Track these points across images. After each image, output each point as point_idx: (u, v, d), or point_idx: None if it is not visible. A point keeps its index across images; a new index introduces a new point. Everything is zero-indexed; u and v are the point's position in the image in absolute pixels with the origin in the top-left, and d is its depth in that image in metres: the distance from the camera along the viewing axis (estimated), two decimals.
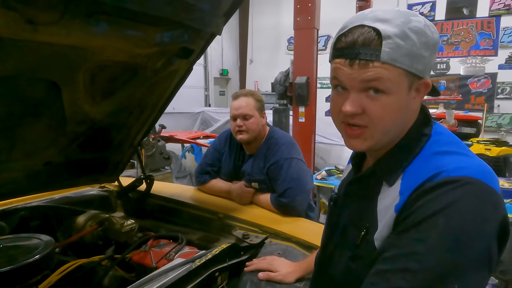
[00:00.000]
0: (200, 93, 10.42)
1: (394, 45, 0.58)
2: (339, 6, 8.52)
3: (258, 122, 1.66)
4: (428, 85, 0.64)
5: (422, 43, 0.60)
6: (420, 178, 0.59)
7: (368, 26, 0.60)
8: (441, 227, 0.53)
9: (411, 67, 0.60)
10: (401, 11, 0.61)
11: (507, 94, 7.74)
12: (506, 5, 7.58)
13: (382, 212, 0.64)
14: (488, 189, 0.56)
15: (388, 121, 0.62)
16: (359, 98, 0.62)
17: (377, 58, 0.59)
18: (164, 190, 1.79)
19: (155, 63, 1.21)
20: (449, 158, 0.60)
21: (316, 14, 3.67)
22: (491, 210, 0.55)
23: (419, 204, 0.56)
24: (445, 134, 0.67)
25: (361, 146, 0.66)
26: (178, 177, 4.97)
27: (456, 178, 0.56)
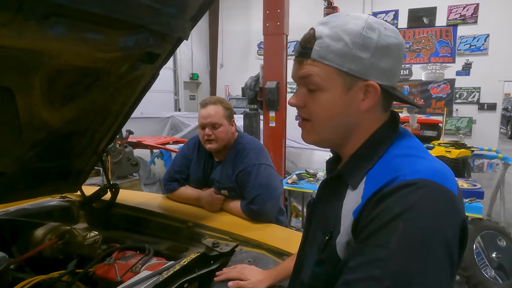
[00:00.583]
0: (170, 98, 10.24)
1: (323, 44, 0.63)
2: (308, 13, 8.70)
3: (227, 130, 1.64)
4: (375, 87, 0.64)
5: (357, 44, 0.62)
6: (378, 183, 0.60)
7: (313, 28, 0.66)
8: (401, 232, 0.53)
9: (342, 66, 0.63)
10: (348, 15, 0.65)
11: (465, 99, 8.22)
12: (462, 15, 8.07)
13: (345, 216, 0.65)
14: (445, 190, 0.57)
15: (323, 116, 0.67)
16: (302, 93, 0.69)
17: (309, 56, 0.65)
18: (130, 199, 1.72)
19: (119, 68, 1.16)
20: (407, 161, 0.61)
21: (285, 20, 3.71)
22: (448, 211, 0.56)
23: (379, 209, 0.57)
24: (408, 138, 0.68)
25: (306, 137, 0.72)
26: (147, 183, 4.83)
27: (412, 181, 0.56)
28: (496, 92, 7.92)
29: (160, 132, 6.33)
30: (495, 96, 7.97)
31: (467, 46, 8.05)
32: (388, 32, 0.64)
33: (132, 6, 0.98)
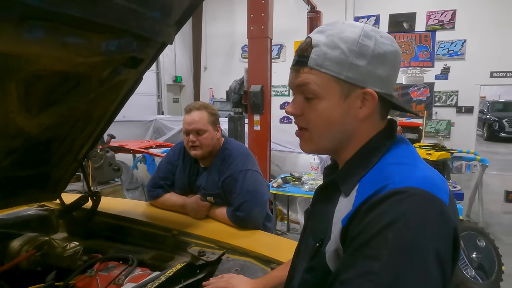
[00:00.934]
0: (153, 101, 10.08)
1: (320, 52, 0.63)
2: (291, 17, 8.78)
3: (212, 136, 1.61)
4: (373, 94, 0.64)
5: (354, 52, 0.62)
6: (368, 191, 0.59)
7: (309, 36, 0.66)
8: (391, 242, 0.53)
9: (340, 74, 0.63)
10: (345, 24, 0.65)
11: (443, 102, 8.44)
12: (440, 21, 8.30)
13: (335, 224, 0.64)
14: (434, 199, 0.56)
15: (321, 125, 0.67)
16: (299, 101, 0.68)
17: (306, 64, 0.65)
18: (113, 206, 1.67)
19: (101, 73, 1.13)
20: (398, 169, 0.61)
21: (269, 24, 3.72)
22: (439, 221, 0.55)
23: (368, 219, 0.56)
24: (403, 146, 0.68)
25: (304, 147, 0.71)
26: (129, 188, 4.73)
27: (401, 189, 0.56)
28: (473, 95, 8.17)
29: (142, 136, 6.20)
30: (472, 100, 8.22)
31: (445, 51, 8.29)
32: (384, 40, 0.64)
33: (115, 10, 0.95)
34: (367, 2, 8.77)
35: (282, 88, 9.90)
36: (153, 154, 4.49)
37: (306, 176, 3.76)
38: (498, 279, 2.84)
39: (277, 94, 9.72)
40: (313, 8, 6.30)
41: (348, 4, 8.92)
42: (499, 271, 2.85)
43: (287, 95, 9.92)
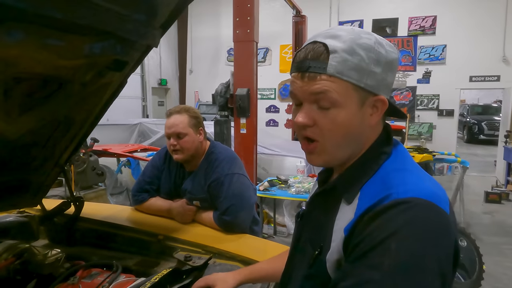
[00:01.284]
0: (137, 104, 9.96)
1: (340, 58, 0.60)
2: (277, 20, 8.85)
3: (194, 139, 1.60)
4: (385, 102, 0.64)
5: (371, 59, 0.61)
6: (371, 200, 0.59)
7: (319, 42, 0.62)
8: (394, 253, 0.52)
9: (360, 81, 0.61)
10: (354, 29, 0.63)
11: (425, 106, 8.65)
12: (421, 27, 8.52)
13: (336, 232, 0.63)
14: (437, 210, 0.56)
15: (338, 135, 0.63)
16: (310, 110, 0.63)
17: (324, 71, 0.60)
18: (96, 212, 1.64)
19: (83, 76, 1.11)
20: (399, 177, 0.61)
21: (255, 28, 3.73)
22: (442, 232, 0.55)
23: (371, 228, 0.56)
24: (401, 151, 0.68)
25: (317, 160, 0.67)
26: (113, 193, 4.65)
27: (405, 199, 0.56)
28: (454, 99, 8.40)
29: (127, 139, 6.11)
30: (453, 103, 8.45)
31: (426, 56, 8.50)
32: (389, 47, 0.64)
33: (98, 12, 0.94)
34: (351, 8, 8.92)
35: (268, 92, 9.94)
36: (138, 158, 4.42)
37: (293, 179, 3.77)
38: (479, 278, 2.91)
39: (263, 97, 9.76)
40: (298, 12, 6.37)
41: (333, 9, 9.05)
42: (480, 270, 2.92)
43: (273, 98, 9.97)
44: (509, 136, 6.82)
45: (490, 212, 5.37)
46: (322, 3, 9.03)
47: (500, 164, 7.18)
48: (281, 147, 5.12)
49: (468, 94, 15.71)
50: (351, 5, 8.92)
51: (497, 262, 3.59)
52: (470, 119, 13.66)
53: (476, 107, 14.55)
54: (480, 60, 8.05)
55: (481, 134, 13.06)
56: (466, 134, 13.77)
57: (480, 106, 14.67)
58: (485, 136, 12.86)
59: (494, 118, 12.79)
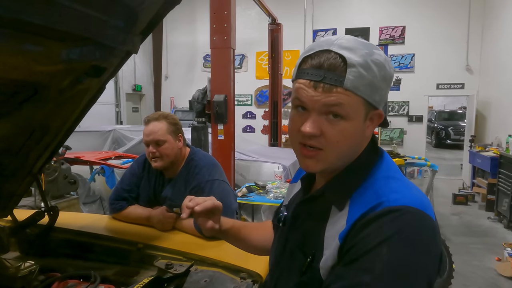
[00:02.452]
0: (111, 110, 9.71)
1: (357, 74, 0.60)
2: (253, 28, 8.94)
3: (173, 146, 1.59)
4: (381, 115, 0.67)
5: (381, 76, 0.63)
6: (363, 207, 0.61)
7: (335, 52, 0.61)
8: (385, 257, 0.55)
9: (370, 97, 0.63)
10: (364, 42, 0.64)
11: (396, 112, 8.97)
12: (391, 36, 8.87)
13: (328, 240, 0.64)
14: (427, 217, 0.59)
15: (343, 146, 0.64)
16: (319, 120, 0.63)
17: (341, 84, 0.60)
18: (72, 221, 1.58)
19: (60, 82, 1.08)
20: (390, 186, 0.63)
21: (232, 35, 3.76)
22: (430, 239, 0.58)
23: (363, 234, 0.58)
24: (387, 159, 0.71)
25: (315, 167, 0.66)
26: (86, 202, 4.49)
27: (396, 207, 0.58)
28: (422, 105, 8.77)
29: (100, 146, 5.93)
30: (422, 109, 8.82)
31: (396, 64, 8.84)
32: (391, 64, 0.66)
33: (77, 17, 0.92)
34: (325, 17, 9.16)
35: (244, 98, 9.98)
36: (112, 166, 4.31)
37: (270, 185, 3.80)
38: (450, 277, 3.03)
39: (240, 103, 9.79)
40: (274, 20, 6.47)
41: (307, 17, 9.26)
42: (450, 270, 3.05)
43: (249, 104, 10.01)
44: (473, 140, 7.20)
45: (457, 214, 5.62)
46: (297, 12, 9.22)
47: (466, 168, 7.54)
48: (258, 153, 5.15)
49: (435, 101, 16.45)
50: (325, 14, 9.16)
51: (466, 261, 3.76)
52: (438, 124, 14.29)
53: (443, 113, 15.25)
54: (446, 69, 8.48)
55: (448, 139, 13.68)
56: (434, 139, 14.38)
57: (447, 112, 15.39)
58: (451, 140, 13.48)
59: (459, 123, 13.44)
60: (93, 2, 0.92)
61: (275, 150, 5.97)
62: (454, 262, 3.11)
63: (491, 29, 7.66)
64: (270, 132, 6.83)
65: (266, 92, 8.83)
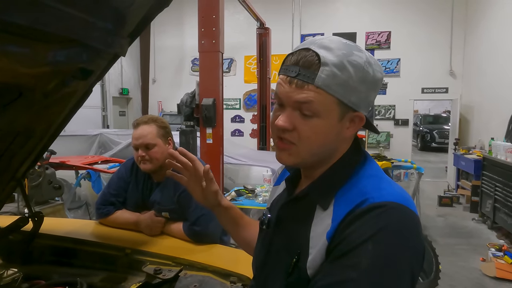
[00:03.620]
0: (97, 114, 9.56)
1: (330, 72, 0.61)
2: (241, 32, 8.96)
3: (163, 150, 1.57)
4: (362, 118, 0.67)
5: (358, 78, 0.63)
6: (348, 205, 0.61)
7: (313, 50, 0.63)
8: (371, 253, 0.56)
9: (345, 97, 0.63)
10: (348, 44, 0.64)
11: (383, 115, 9.10)
12: (377, 41, 9.02)
13: (314, 239, 0.64)
14: (409, 212, 0.61)
15: (314, 143, 0.65)
16: (292, 115, 0.64)
17: (312, 81, 0.61)
18: (57, 227, 1.55)
19: (46, 85, 1.06)
20: (373, 184, 0.64)
21: (221, 38, 3.76)
22: (414, 233, 0.60)
23: (349, 231, 0.59)
24: (371, 161, 0.72)
25: (287, 160, 0.68)
26: (71, 208, 4.40)
27: (380, 203, 0.59)
28: (408, 109, 8.92)
29: (86, 151, 5.83)
30: (407, 113, 8.97)
31: (382, 68, 8.99)
32: (377, 67, 0.66)
33: (63, 19, 0.91)
34: (313, 22, 9.26)
35: (233, 102, 9.97)
36: (98, 170, 4.24)
37: (259, 188, 3.79)
38: (436, 278, 3.08)
39: (228, 107, 9.77)
40: (262, 24, 6.50)
41: (295, 22, 9.34)
42: (437, 271, 3.10)
43: (238, 108, 10.01)
44: (457, 143, 7.36)
45: (443, 215, 5.72)
46: (285, 16, 9.29)
47: (451, 170, 7.70)
48: (247, 156, 5.14)
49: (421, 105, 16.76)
50: (313, 19, 9.26)
51: (452, 262, 3.83)
52: (423, 128, 14.56)
53: (428, 117, 15.56)
54: (431, 73, 8.66)
55: (433, 142, 13.95)
56: (419, 142, 14.64)
57: (432, 116, 15.71)
58: (436, 144, 13.75)
59: (444, 127, 13.73)
60: (80, 4, 0.90)
61: (264, 154, 5.98)
62: (440, 263, 3.16)
63: (472, 35, 7.87)
64: (259, 136, 6.84)
65: (254, 96, 8.87)
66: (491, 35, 6.73)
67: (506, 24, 6.05)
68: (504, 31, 6.09)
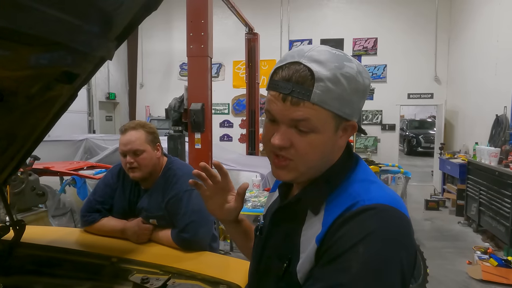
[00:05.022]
0: (83, 119, 9.40)
1: (325, 88, 0.60)
2: (230, 37, 8.98)
3: (151, 156, 1.55)
4: (355, 126, 0.67)
5: (352, 89, 0.62)
6: (339, 209, 0.61)
7: (304, 65, 0.61)
8: (362, 256, 0.55)
9: (340, 110, 0.63)
10: (336, 54, 0.63)
11: (370, 120, 9.21)
12: (364, 47, 9.16)
13: (304, 243, 0.64)
14: (400, 215, 0.60)
15: (312, 157, 0.65)
16: (288, 132, 0.63)
17: (308, 98, 0.60)
18: (39, 236, 1.50)
19: (29, 88, 1.03)
20: (363, 187, 0.64)
21: (209, 43, 3.75)
22: (405, 235, 0.59)
23: (339, 234, 0.58)
24: (364, 166, 0.72)
25: (286, 176, 0.68)
26: (55, 215, 4.29)
27: (371, 206, 0.59)
28: (394, 114, 9.05)
29: (71, 156, 5.70)
30: (394, 118, 9.10)
31: (370, 74, 9.11)
32: (366, 74, 0.66)
33: (47, 21, 0.88)
34: (301, 28, 9.35)
35: (221, 107, 9.95)
36: (84, 176, 4.15)
37: (249, 194, 3.77)
38: (425, 281, 3.10)
39: (217, 112, 9.75)
40: (251, 30, 6.52)
41: (283, 28, 9.41)
42: (425, 274, 3.12)
43: (226, 113, 9.99)
44: (443, 148, 7.49)
45: (430, 219, 5.80)
46: (273, 22, 9.35)
47: (437, 174, 7.82)
48: (236, 161, 5.12)
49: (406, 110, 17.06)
50: (301, 25, 9.34)
51: (439, 265, 3.87)
52: (409, 133, 14.80)
53: (414, 122, 15.83)
54: (416, 79, 8.82)
55: (419, 146, 14.18)
56: (406, 147, 14.87)
57: (417, 121, 15.99)
58: (422, 148, 13.98)
59: (429, 132, 13.99)
60: (65, 6, 0.88)
61: (253, 159, 5.97)
62: (428, 267, 3.19)
63: (456, 42, 8.07)
64: (248, 141, 6.83)
65: (243, 101, 8.86)
66: (474, 43, 6.91)
67: (487, 32, 6.23)
68: (486, 39, 6.26)
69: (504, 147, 4.74)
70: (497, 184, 4.38)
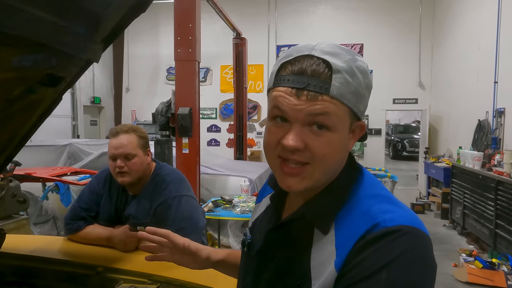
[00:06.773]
0: (67, 123, 9.20)
1: (343, 80, 0.55)
2: (217, 42, 8.99)
3: (142, 161, 1.51)
4: (363, 127, 0.62)
5: (365, 84, 0.58)
6: (355, 230, 0.56)
7: (318, 57, 0.56)
8: (385, 283, 0.51)
9: (355, 106, 0.57)
10: (346, 48, 0.59)
11: None
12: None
13: (316, 269, 0.58)
14: (424, 236, 0.56)
15: (330, 160, 0.58)
16: (302, 132, 0.56)
17: (327, 91, 0.54)
18: (21, 245, 1.44)
19: (10, 91, 0.99)
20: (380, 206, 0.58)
21: (197, 47, 3.74)
22: (429, 257, 0.55)
23: (361, 257, 0.53)
24: (370, 176, 0.66)
25: (298, 186, 0.59)
26: (37, 222, 4.17)
27: (394, 228, 0.54)
28: (380, 119, 9.19)
29: (55, 162, 5.55)
30: (380, 123, 9.24)
31: None
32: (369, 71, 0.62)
33: (31, 21, 0.85)
34: (288, 33, 9.43)
35: (209, 111, 9.91)
36: (67, 182, 4.04)
37: (237, 199, 3.75)
38: None
39: (204, 117, 9.70)
40: (239, 34, 6.54)
41: (271, 33, 9.47)
42: None
43: (214, 118, 9.95)
44: (428, 152, 7.64)
45: None
46: (261, 27, 9.41)
47: (422, 178, 7.95)
48: (224, 166, 5.09)
49: (391, 115, 17.35)
50: (288, 30, 9.42)
51: None
52: (394, 137, 15.06)
53: (399, 127, 16.12)
54: (401, 85, 9.00)
55: (404, 151, 14.43)
56: (391, 151, 15.11)
57: (402, 126, 16.29)
58: (407, 152, 14.23)
59: (414, 136, 14.26)
60: (50, 6, 0.85)
61: (241, 164, 5.95)
62: None
63: (439, 49, 8.27)
64: (236, 146, 6.81)
65: (231, 105, 8.85)
66: (456, 49, 7.10)
67: (469, 39, 6.41)
68: (467, 46, 6.44)
69: (487, 151, 4.86)
70: (481, 187, 4.47)
